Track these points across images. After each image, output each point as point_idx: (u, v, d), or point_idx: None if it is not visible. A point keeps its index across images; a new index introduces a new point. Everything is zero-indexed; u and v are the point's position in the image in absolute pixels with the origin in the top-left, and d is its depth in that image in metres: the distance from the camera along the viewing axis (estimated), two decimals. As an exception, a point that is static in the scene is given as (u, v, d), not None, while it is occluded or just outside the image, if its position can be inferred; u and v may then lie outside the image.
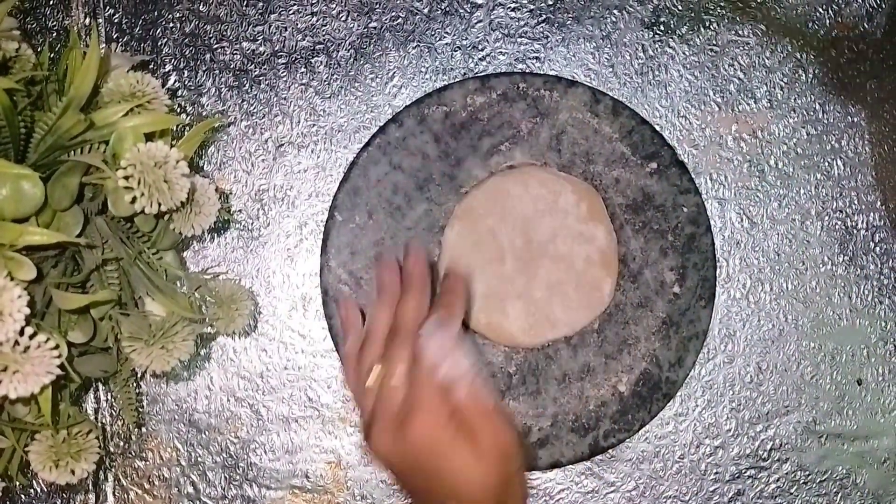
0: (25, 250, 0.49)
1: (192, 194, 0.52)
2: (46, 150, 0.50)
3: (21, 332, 0.46)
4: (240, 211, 0.66)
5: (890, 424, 0.66)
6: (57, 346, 0.47)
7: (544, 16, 0.67)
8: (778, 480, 0.66)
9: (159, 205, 0.49)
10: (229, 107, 0.66)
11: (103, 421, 0.64)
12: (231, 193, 0.65)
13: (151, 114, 0.53)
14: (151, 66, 0.65)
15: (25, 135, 0.51)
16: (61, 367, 0.48)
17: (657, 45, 0.67)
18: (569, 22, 0.67)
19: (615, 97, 0.65)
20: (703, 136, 0.66)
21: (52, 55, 0.57)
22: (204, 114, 0.66)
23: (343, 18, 0.66)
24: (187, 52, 0.66)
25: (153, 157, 0.48)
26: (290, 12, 0.66)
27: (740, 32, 0.67)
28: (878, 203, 0.67)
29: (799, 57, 0.67)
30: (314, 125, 0.66)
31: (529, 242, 0.64)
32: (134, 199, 0.49)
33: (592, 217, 0.64)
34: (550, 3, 0.67)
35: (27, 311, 0.46)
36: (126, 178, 0.48)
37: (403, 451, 0.51)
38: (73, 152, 0.51)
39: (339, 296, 0.63)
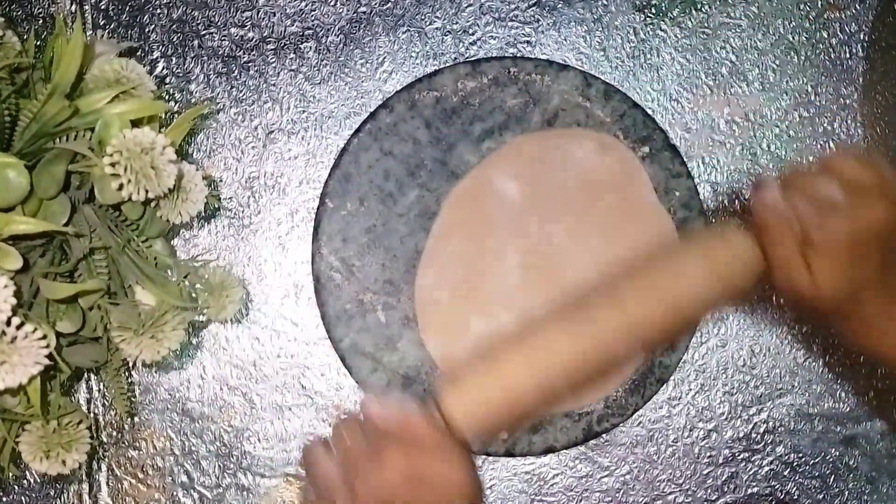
0: (11, 240, 0.48)
1: (179, 181, 0.52)
2: (32, 137, 0.50)
3: (8, 323, 0.46)
4: (230, 199, 0.65)
5: (882, 406, 0.66)
6: (45, 337, 0.47)
7: (535, -1, 0.66)
8: (771, 463, 0.66)
9: (146, 192, 0.48)
10: (218, 93, 0.65)
11: (96, 411, 0.64)
12: (221, 181, 0.65)
13: (137, 100, 0.52)
14: (139, 53, 0.65)
15: (10, 123, 0.50)
16: (50, 357, 0.48)
17: (649, 28, 0.66)
18: (560, 5, 0.66)
19: (607, 81, 0.64)
20: (695, 120, 0.66)
21: (37, 43, 0.56)
22: (193, 101, 0.65)
23: (332, 3, 0.66)
24: (175, 39, 0.65)
25: (139, 144, 0.48)
26: (279, -3, 0.66)
27: (732, 15, 0.66)
28: (871, 185, 0.66)
29: (791, 39, 0.67)
30: (304, 111, 0.65)
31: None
32: (121, 187, 0.48)
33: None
34: (541, -14, 0.66)
35: (13, 301, 0.45)
36: (112, 164, 0.48)
37: None
38: (58, 140, 0.50)
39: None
